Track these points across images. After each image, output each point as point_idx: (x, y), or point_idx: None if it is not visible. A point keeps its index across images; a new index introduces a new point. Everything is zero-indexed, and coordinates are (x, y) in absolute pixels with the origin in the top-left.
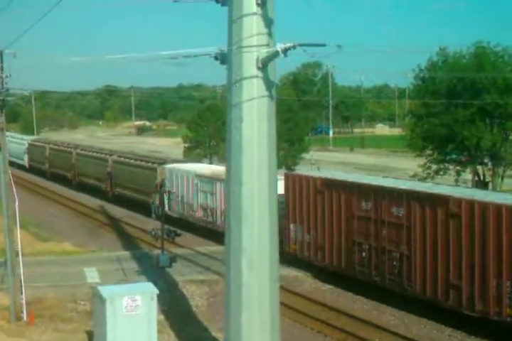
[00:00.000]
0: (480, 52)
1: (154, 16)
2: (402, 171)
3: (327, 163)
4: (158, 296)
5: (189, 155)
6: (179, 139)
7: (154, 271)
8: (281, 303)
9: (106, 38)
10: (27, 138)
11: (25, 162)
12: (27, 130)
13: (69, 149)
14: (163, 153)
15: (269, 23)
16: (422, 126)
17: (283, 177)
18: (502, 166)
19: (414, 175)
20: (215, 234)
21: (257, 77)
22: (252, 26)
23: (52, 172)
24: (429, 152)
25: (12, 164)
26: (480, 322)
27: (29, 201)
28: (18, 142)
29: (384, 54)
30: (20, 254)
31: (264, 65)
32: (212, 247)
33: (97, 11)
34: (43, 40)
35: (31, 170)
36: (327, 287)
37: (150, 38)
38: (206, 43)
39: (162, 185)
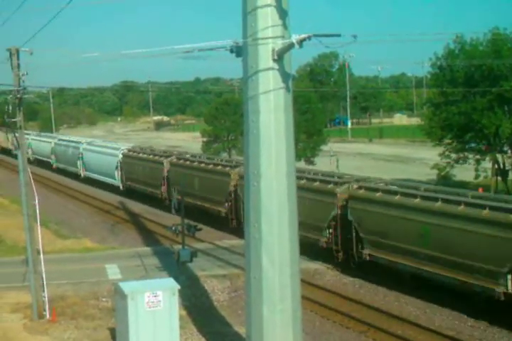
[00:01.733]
0: (497, 38)
1: (169, 10)
2: (421, 161)
3: (346, 154)
4: (180, 291)
5: (208, 150)
6: (197, 133)
7: (175, 266)
8: (303, 297)
9: (122, 33)
10: (120, 147)
11: (118, 181)
12: (45, 128)
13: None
14: (182, 147)
15: (283, 14)
16: (440, 115)
17: None
18: None
19: (435, 166)
20: None
21: (272, 69)
22: (267, 18)
23: None
24: (447, 141)
25: (98, 183)
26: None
27: (50, 199)
28: (106, 152)
29: (400, 43)
30: (41, 252)
31: (279, 57)
32: (232, 241)
33: (111, 5)
34: (59, 38)
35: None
36: (348, 279)
37: (166, 32)
38: (221, 37)
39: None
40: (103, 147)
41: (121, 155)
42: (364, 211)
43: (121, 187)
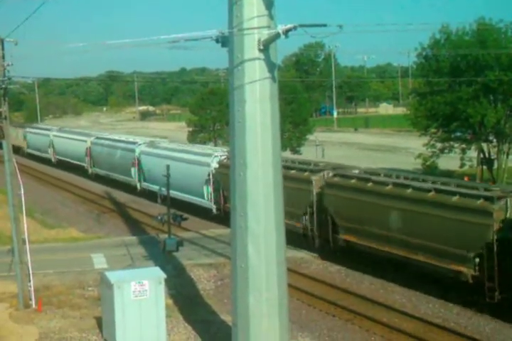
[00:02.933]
0: (482, 28)
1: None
2: (406, 150)
3: (332, 143)
4: (166, 280)
5: (193, 140)
6: (183, 123)
7: (161, 255)
8: (289, 285)
9: (107, 24)
10: (213, 153)
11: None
12: (31, 118)
13: None
14: (168, 138)
15: (269, 4)
16: (425, 105)
17: None
18: (507, 143)
19: (420, 155)
20: None
21: (258, 59)
22: (253, 8)
23: None
24: (433, 130)
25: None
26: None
27: (35, 188)
28: (187, 159)
29: (386, 33)
30: (27, 242)
31: (265, 47)
32: (218, 230)
33: None
34: (44, 28)
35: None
36: (334, 268)
37: (151, 22)
38: (207, 27)
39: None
40: (181, 152)
41: (215, 165)
42: (339, 197)
43: (214, 211)
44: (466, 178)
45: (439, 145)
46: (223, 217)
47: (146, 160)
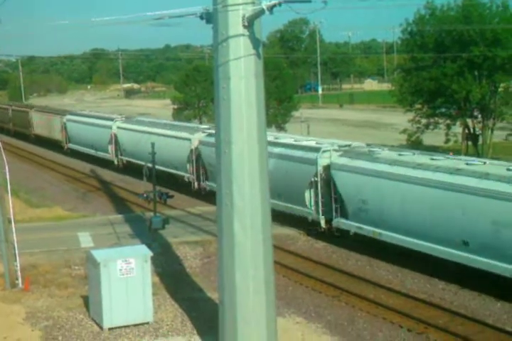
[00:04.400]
0: (467, 4)
1: None
2: (392, 126)
3: (317, 120)
4: (152, 258)
5: (178, 117)
6: (168, 101)
7: (147, 233)
8: (275, 262)
9: (91, 2)
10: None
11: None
12: (15, 96)
13: None
14: (152, 115)
15: None
16: (410, 81)
17: None
18: (492, 118)
19: (405, 131)
20: None
21: (243, 35)
22: None
23: None
24: (418, 106)
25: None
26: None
27: (19, 168)
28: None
29: (370, 9)
30: (12, 221)
31: (250, 23)
32: (204, 207)
33: None
34: (28, 6)
35: None
36: (320, 244)
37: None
38: (191, 4)
39: None
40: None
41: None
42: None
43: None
44: (450, 154)
45: (424, 121)
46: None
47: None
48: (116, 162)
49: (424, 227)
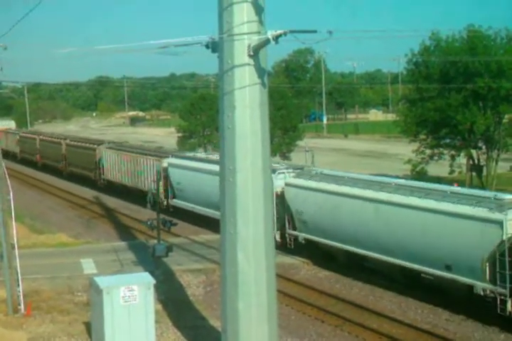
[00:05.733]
0: (472, 35)
1: (147, 7)
2: (396, 156)
3: (321, 149)
4: (155, 286)
5: (183, 145)
6: (173, 129)
7: (151, 260)
8: (279, 291)
9: (97, 29)
10: None
11: None
12: (20, 122)
13: None
14: (157, 143)
15: (259, 10)
16: (415, 111)
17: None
18: (496, 150)
19: (409, 161)
20: None
21: (248, 64)
22: (243, 14)
23: None
24: (423, 137)
25: None
26: (477, 306)
27: (24, 193)
28: None
29: (376, 39)
30: (16, 247)
31: (255, 53)
32: (208, 236)
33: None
34: (34, 33)
35: None
36: (324, 274)
37: (142, 27)
38: (197, 33)
39: None
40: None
41: None
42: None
43: None
44: (455, 185)
45: (428, 151)
46: None
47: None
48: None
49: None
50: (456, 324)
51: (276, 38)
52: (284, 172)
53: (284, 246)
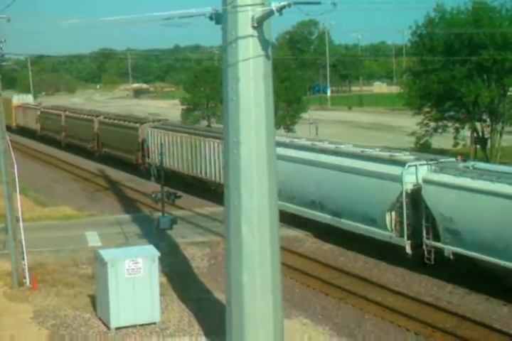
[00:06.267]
0: (477, 7)
1: None
2: (400, 129)
3: (325, 121)
4: (160, 258)
5: (187, 117)
6: (176, 101)
7: (155, 233)
8: (283, 264)
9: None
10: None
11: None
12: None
13: None
14: (161, 115)
15: None
16: (419, 84)
17: None
18: (500, 122)
19: (413, 133)
20: None
21: (252, 36)
22: None
23: None
24: (427, 109)
25: None
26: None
27: (28, 166)
28: None
29: (380, 11)
30: (20, 220)
31: (259, 24)
32: (212, 208)
33: None
34: (37, 4)
35: None
36: (328, 246)
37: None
38: (201, 4)
39: None
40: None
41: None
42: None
43: None
44: (459, 157)
45: (432, 124)
46: None
47: None
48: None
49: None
50: (460, 297)
51: (280, 9)
52: (415, 165)
53: (419, 259)
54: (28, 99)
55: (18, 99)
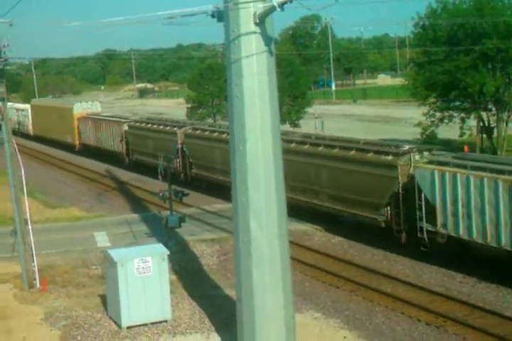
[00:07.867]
0: None
1: None
2: (406, 120)
3: (331, 115)
4: (169, 257)
5: (192, 116)
6: (181, 100)
7: (164, 232)
8: (292, 258)
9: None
10: None
11: None
12: (29, 99)
13: None
14: (166, 114)
15: None
16: (423, 75)
17: None
18: (506, 111)
19: (419, 124)
20: None
21: (254, 32)
22: None
23: None
24: (432, 100)
25: None
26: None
27: (35, 169)
28: None
29: (382, 3)
30: (29, 222)
31: (261, 20)
32: (220, 205)
33: None
34: (40, 8)
35: None
36: (337, 239)
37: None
38: (203, 3)
39: None
40: None
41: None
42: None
43: None
44: (465, 148)
45: (438, 114)
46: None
47: None
48: None
49: None
50: (470, 286)
51: (282, 5)
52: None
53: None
54: (95, 107)
55: (81, 107)
